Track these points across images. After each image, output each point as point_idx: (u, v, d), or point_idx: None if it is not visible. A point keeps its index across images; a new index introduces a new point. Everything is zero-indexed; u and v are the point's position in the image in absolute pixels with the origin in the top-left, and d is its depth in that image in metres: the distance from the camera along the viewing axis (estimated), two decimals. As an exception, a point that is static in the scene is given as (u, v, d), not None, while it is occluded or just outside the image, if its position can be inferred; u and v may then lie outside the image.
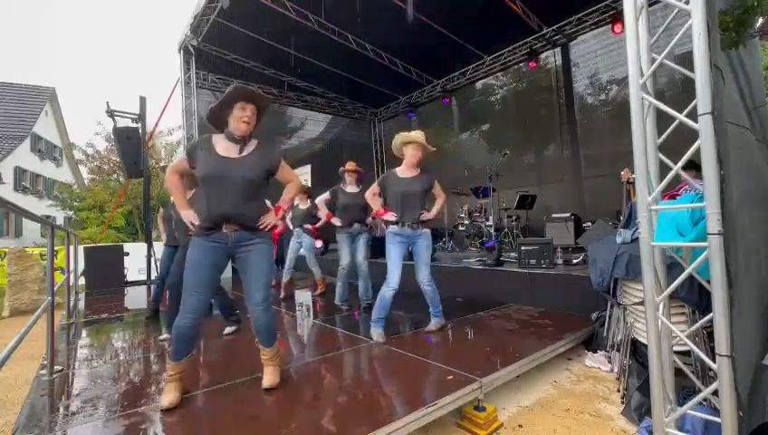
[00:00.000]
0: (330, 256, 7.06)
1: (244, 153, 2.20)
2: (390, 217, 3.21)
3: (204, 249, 2.14)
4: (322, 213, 4.61)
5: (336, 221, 4.36)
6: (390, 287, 3.16)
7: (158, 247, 7.26)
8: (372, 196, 3.42)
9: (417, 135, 3.28)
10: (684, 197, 2.62)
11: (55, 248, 2.94)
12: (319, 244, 5.23)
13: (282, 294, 5.17)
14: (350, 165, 4.40)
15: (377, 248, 6.71)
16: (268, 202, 2.46)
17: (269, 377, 2.29)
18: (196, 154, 2.17)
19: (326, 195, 4.50)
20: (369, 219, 4.29)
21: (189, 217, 2.21)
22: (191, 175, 2.44)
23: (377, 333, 3.17)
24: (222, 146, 2.19)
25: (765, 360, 1.92)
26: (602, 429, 2.16)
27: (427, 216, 3.25)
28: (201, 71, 8.92)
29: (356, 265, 4.30)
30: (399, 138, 3.30)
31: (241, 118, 2.17)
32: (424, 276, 3.23)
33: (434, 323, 3.34)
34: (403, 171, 3.33)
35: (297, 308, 4.82)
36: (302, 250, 5.34)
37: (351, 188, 4.38)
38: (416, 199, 3.22)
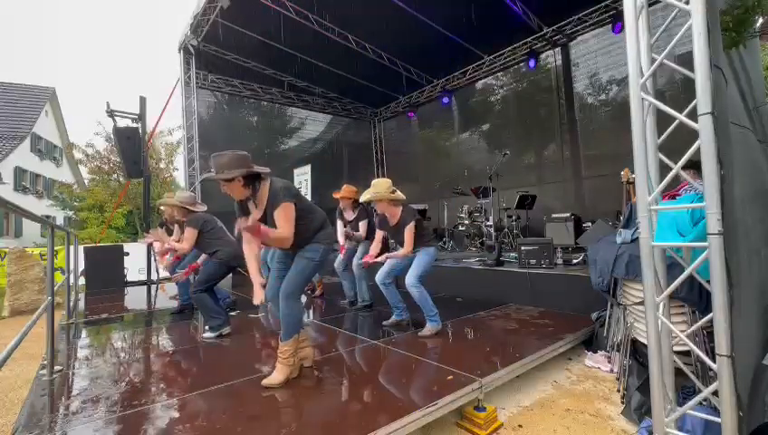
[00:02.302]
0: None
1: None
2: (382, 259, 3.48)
3: None
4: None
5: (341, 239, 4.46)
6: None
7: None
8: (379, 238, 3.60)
9: (373, 190, 3.33)
10: (684, 197, 2.62)
11: (55, 248, 2.94)
12: None
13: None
14: (344, 190, 4.35)
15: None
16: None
17: (271, 375, 2.34)
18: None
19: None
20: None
21: None
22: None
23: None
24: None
25: (765, 360, 1.92)
26: (602, 429, 2.16)
27: (379, 258, 3.42)
28: (201, 71, 8.91)
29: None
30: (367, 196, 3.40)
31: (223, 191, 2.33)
32: (408, 278, 3.25)
33: (427, 328, 3.27)
34: (388, 218, 3.43)
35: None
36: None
37: (348, 215, 4.42)
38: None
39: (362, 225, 4.28)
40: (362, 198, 3.48)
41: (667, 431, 1.72)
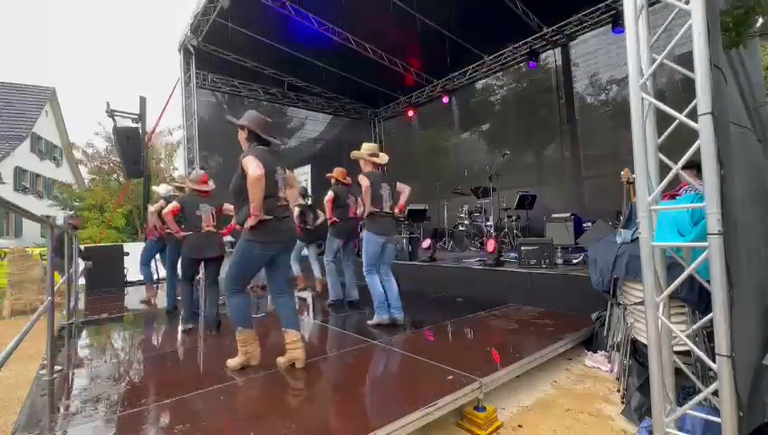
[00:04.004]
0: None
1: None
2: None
3: None
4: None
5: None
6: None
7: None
8: None
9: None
10: (684, 197, 2.61)
11: (55, 248, 2.94)
12: None
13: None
14: (334, 171, 4.60)
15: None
16: None
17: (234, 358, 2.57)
18: None
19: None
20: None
21: None
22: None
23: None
24: None
25: (765, 360, 1.91)
26: (602, 429, 2.16)
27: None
28: (201, 71, 8.91)
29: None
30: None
31: None
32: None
33: (375, 319, 3.46)
34: None
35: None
36: (303, 251, 5.55)
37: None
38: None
39: (327, 198, 4.47)
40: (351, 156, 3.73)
41: (667, 431, 1.72)
